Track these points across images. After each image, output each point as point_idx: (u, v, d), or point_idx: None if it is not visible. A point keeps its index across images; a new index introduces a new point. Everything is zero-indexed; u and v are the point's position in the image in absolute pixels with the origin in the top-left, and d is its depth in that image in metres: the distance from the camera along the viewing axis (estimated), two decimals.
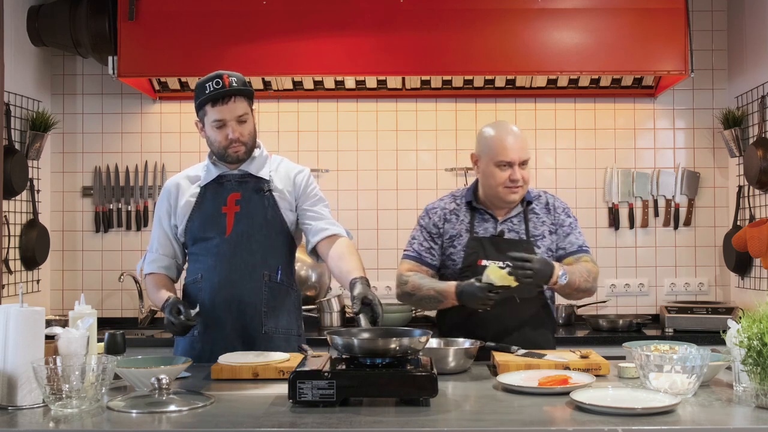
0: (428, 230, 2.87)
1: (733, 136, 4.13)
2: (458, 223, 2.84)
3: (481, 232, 2.81)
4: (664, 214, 4.38)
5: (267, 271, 2.67)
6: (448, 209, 2.88)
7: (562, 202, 2.90)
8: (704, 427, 1.75)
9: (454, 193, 2.94)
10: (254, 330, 2.65)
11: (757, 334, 1.86)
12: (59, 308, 4.32)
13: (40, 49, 4.24)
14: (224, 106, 2.59)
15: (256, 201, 2.68)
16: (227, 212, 2.67)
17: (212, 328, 2.65)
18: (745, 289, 4.15)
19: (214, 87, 2.58)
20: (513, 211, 2.83)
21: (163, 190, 2.80)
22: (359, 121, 4.40)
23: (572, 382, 2.08)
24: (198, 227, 2.69)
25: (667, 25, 3.87)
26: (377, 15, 3.88)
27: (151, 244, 2.79)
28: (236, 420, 1.82)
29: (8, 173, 3.75)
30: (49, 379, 1.86)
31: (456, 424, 1.83)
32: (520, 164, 2.75)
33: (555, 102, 4.40)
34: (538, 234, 2.80)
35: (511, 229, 2.81)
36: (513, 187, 2.74)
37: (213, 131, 2.64)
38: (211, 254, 2.67)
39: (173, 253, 2.77)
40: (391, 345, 1.98)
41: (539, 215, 2.84)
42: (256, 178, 2.71)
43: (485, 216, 2.83)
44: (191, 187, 2.74)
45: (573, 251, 2.80)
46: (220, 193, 2.70)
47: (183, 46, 3.88)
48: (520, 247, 2.73)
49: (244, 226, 2.66)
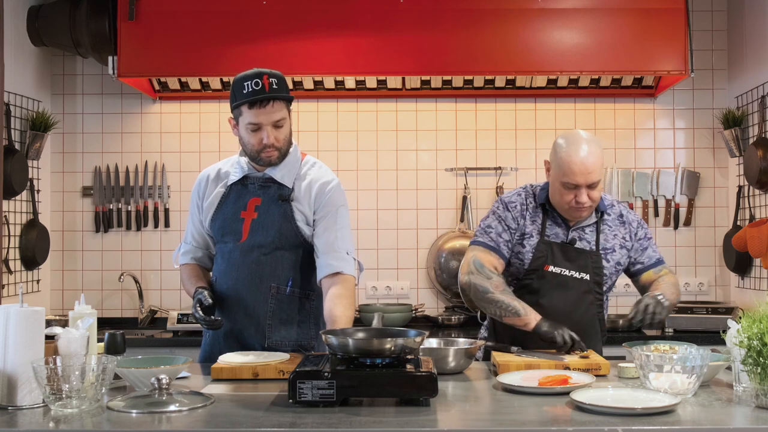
0: (507, 223, 2.74)
1: (733, 136, 4.13)
2: (532, 222, 2.76)
3: (552, 237, 2.73)
4: (664, 214, 4.38)
5: (275, 283, 2.59)
6: (525, 204, 2.78)
7: (635, 215, 2.82)
8: (704, 427, 1.75)
9: (528, 189, 2.83)
10: (257, 342, 2.59)
11: (757, 334, 1.86)
12: (59, 308, 4.32)
13: (40, 49, 4.24)
14: (262, 109, 2.46)
15: (274, 210, 2.59)
16: (245, 218, 2.60)
17: (219, 335, 2.64)
18: (745, 289, 4.15)
19: (253, 88, 2.44)
20: (586, 220, 2.75)
21: (196, 181, 2.75)
22: (359, 121, 4.41)
23: (572, 382, 2.08)
24: (217, 229, 2.65)
25: (667, 25, 3.87)
26: (377, 15, 3.88)
27: (186, 235, 2.77)
28: (236, 420, 1.81)
29: (8, 173, 3.75)
30: (49, 379, 1.86)
31: (456, 424, 1.83)
32: (588, 186, 2.61)
33: (555, 102, 4.40)
34: (609, 247, 2.74)
35: (582, 238, 2.74)
36: (578, 208, 2.65)
37: (247, 133, 2.51)
38: (225, 259, 2.64)
39: (206, 243, 2.74)
40: (386, 345, 1.98)
41: (612, 227, 2.76)
42: (279, 184, 2.60)
43: (558, 220, 2.75)
44: (218, 185, 2.67)
45: (652, 264, 2.77)
46: (242, 196, 2.62)
47: (183, 46, 3.88)
48: (590, 258, 2.70)
49: (259, 235, 2.58)
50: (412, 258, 4.39)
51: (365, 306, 4.21)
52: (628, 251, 2.77)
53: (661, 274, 2.77)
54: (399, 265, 4.35)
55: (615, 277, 2.79)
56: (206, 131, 4.37)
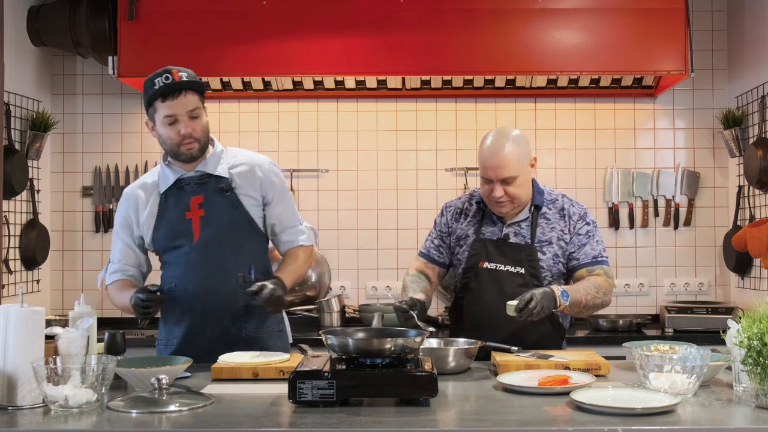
0: (440, 228, 2.89)
1: (733, 136, 4.13)
2: (468, 224, 2.83)
3: (488, 235, 2.78)
4: (664, 214, 4.38)
5: (241, 272, 2.63)
6: (461, 208, 2.86)
7: (580, 208, 2.80)
8: (704, 427, 1.75)
9: (472, 192, 2.90)
10: (234, 334, 2.62)
11: (757, 334, 1.86)
12: (59, 308, 4.32)
13: (40, 49, 4.24)
14: (175, 100, 2.50)
15: (220, 202, 2.62)
16: (192, 218, 2.61)
17: (194, 336, 2.62)
18: (745, 289, 4.15)
19: (164, 82, 2.50)
20: (521, 215, 2.77)
21: (121, 200, 2.73)
22: (359, 121, 4.40)
23: (572, 382, 2.08)
24: (165, 236, 2.64)
25: (667, 25, 3.87)
26: (377, 15, 3.88)
27: (113, 256, 2.73)
28: (236, 420, 1.81)
29: (8, 173, 3.75)
30: (49, 379, 1.86)
31: (456, 424, 1.83)
32: (502, 181, 2.66)
33: (555, 102, 4.40)
34: (545, 240, 2.74)
35: (518, 233, 2.76)
36: (496, 203, 2.70)
37: (164, 128, 2.54)
38: (182, 262, 2.62)
39: (137, 262, 2.73)
40: (386, 345, 1.98)
41: (550, 220, 2.77)
42: (216, 177, 2.63)
43: (493, 218, 2.79)
44: (151, 196, 2.67)
45: (586, 263, 2.72)
46: (181, 198, 2.63)
47: (183, 46, 3.88)
48: (524, 252, 2.72)
49: (212, 231, 2.60)
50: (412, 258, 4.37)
51: (365, 306, 4.21)
52: (565, 244, 2.74)
53: (594, 273, 2.71)
54: (399, 265, 4.34)
55: (556, 270, 2.74)
56: None
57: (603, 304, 2.69)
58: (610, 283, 2.72)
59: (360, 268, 4.36)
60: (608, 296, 2.69)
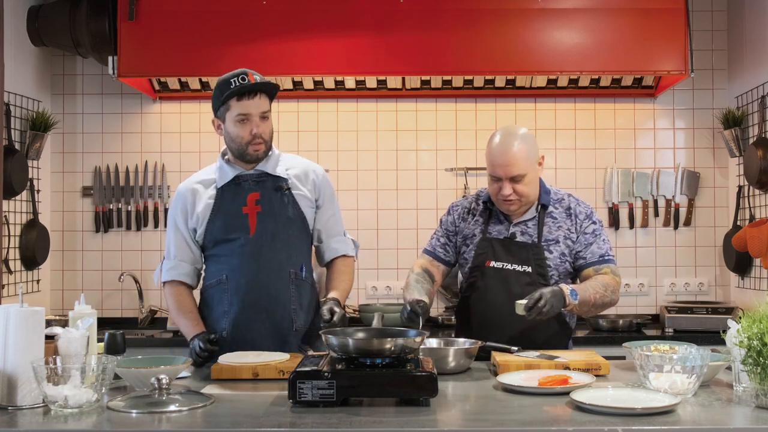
0: (446, 227, 2.90)
1: (733, 136, 4.13)
2: (474, 223, 2.83)
3: (494, 234, 2.79)
4: (664, 214, 4.38)
5: (293, 269, 2.68)
6: (468, 208, 2.88)
7: (586, 207, 2.81)
8: (704, 427, 1.75)
9: (479, 192, 2.92)
10: (285, 329, 2.65)
11: (757, 334, 1.86)
12: (59, 308, 4.32)
13: (40, 49, 4.24)
14: (250, 101, 2.58)
15: (277, 200, 2.67)
16: (249, 212, 2.66)
17: (242, 329, 2.64)
18: (745, 289, 4.15)
19: (240, 82, 2.57)
20: (527, 214, 2.78)
21: (176, 195, 2.76)
22: (359, 121, 4.41)
23: (572, 382, 2.08)
24: (220, 229, 2.67)
25: (667, 25, 3.87)
26: (377, 15, 3.88)
27: (168, 251, 2.75)
28: (236, 420, 1.81)
29: (8, 173, 3.75)
30: (49, 379, 1.86)
31: (456, 424, 1.83)
32: (511, 179, 2.67)
33: (555, 102, 4.40)
34: (551, 239, 2.74)
35: (524, 232, 2.76)
36: (504, 201, 2.71)
37: (236, 127, 2.60)
38: (236, 255, 2.65)
39: (192, 258, 2.74)
40: (386, 345, 1.98)
41: (557, 219, 2.77)
42: (274, 177, 2.69)
43: (500, 217, 2.80)
44: (207, 190, 2.71)
45: (594, 262, 2.73)
46: (238, 194, 2.67)
47: (183, 46, 3.88)
48: (531, 251, 2.72)
49: (268, 225, 2.65)
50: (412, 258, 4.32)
51: (365, 306, 4.21)
52: (572, 243, 2.75)
53: (601, 272, 2.72)
54: (399, 265, 4.35)
55: (563, 269, 2.75)
56: (206, 131, 4.37)
57: (611, 303, 2.69)
58: (618, 282, 2.72)
59: (360, 268, 4.35)
60: (616, 294, 2.69)
